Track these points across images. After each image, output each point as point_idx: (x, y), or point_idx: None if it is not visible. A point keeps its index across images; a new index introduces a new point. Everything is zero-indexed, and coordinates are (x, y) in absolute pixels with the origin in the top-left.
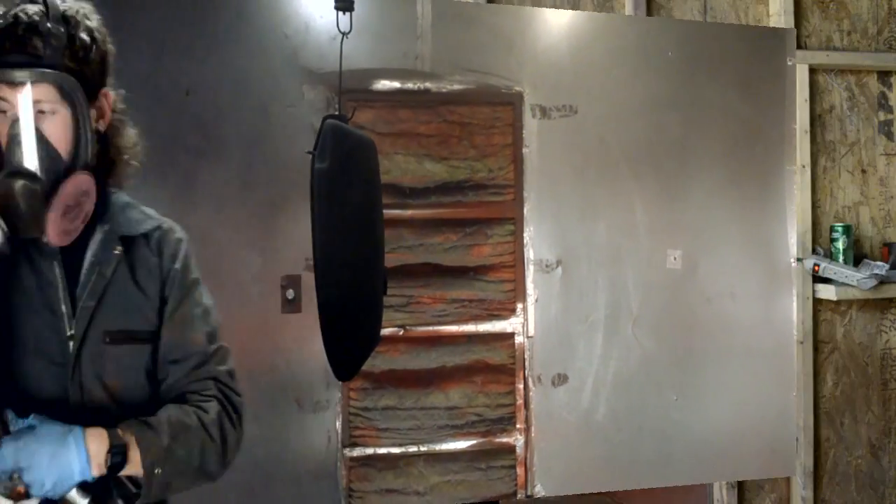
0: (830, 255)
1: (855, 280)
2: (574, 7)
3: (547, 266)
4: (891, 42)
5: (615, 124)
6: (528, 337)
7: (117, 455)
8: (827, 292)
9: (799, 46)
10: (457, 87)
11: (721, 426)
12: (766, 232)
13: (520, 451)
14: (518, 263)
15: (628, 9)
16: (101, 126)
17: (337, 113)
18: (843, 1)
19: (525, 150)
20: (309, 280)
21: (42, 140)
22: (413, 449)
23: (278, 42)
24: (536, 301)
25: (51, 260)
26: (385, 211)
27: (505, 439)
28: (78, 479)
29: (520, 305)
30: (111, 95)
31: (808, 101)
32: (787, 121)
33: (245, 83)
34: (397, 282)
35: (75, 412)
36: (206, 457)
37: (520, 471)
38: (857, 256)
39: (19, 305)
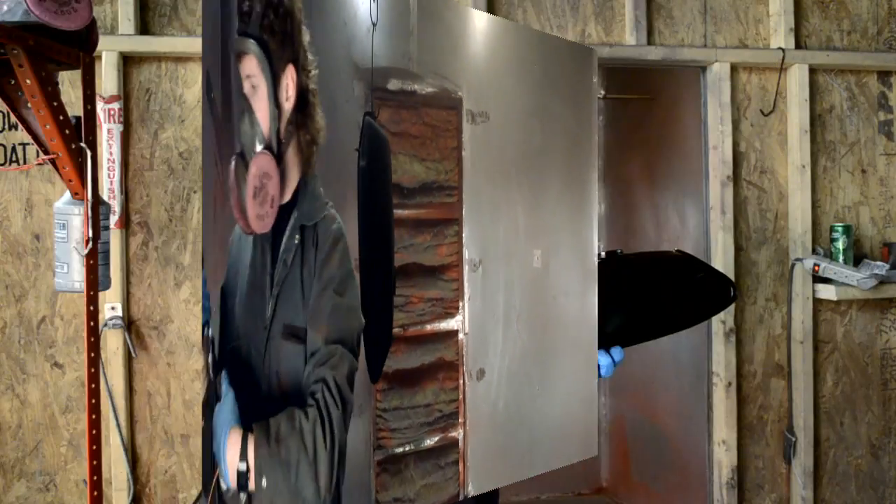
0: (830, 255)
1: (855, 280)
2: (574, 9)
3: (475, 265)
4: (891, 42)
5: (509, 132)
6: (465, 334)
7: (242, 477)
8: (827, 292)
9: (799, 46)
10: (429, 90)
11: (558, 415)
12: (582, 235)
13: (461, 445)
14: (460, 263)
15: (629, 10)
16: (288, 106)
17: (371, 110)
18: (843, 1)
19: (464, 154)
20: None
21: (251, 117)
22: (408, 448)
23: (340, 29)
24: (469, 299)
25: (267, 243)
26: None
27: (453, 434)
28: (229, 485)
29: (461, 303)
30: (295, 73)
31: (808, 101)
32: (592, 135)
33: (321, 73)
34: (399, 282)
35: (262, 405)
36: (301, 475)
37: (460, 467)
38: (857, 256)
39: (248, 283)
